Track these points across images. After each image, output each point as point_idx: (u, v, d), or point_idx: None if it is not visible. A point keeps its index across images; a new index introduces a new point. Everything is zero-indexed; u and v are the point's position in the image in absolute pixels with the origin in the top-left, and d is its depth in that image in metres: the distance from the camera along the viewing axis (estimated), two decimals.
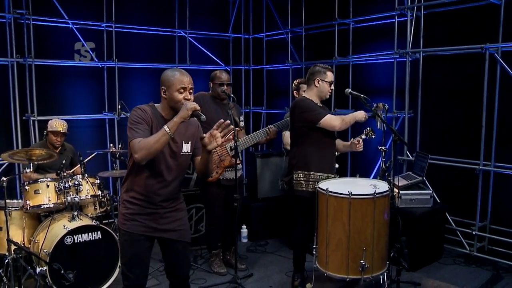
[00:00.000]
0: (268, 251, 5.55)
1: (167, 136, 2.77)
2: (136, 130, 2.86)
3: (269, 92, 8.03)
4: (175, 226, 3.12)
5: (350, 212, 3.69)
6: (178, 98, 2.92)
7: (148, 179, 2.99)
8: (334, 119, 4.06)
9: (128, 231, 3.03)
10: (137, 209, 3.04)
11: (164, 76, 2.99)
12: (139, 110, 2.94)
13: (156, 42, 6.96)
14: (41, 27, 5.93)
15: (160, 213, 3.05)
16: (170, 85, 2.93)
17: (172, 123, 2.79)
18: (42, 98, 5.93)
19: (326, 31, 6.76)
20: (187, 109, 2.80)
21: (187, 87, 2.94)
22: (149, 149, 2.75)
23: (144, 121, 2.90)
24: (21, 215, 4.51)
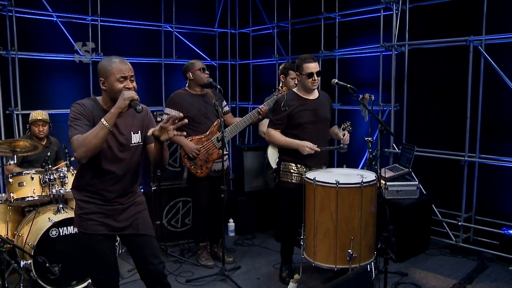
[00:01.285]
0: (255, 244, 5.55)
1: (105, 130, 2.59)
2: (74, 126, 2.66)
3: (256, 87, 8.02)
4: (134, 220, 2.97)
5: (337, 201, 3.69)
6: (118, 88, 2.72)
7: (98, 176, 2.83)
8: (272, 134, 4.19)
9: (86, 232, 2.88)
10: (92, 208, 2.88)
11: (100, 66, 2.79)
12: (77, 105, 2.75)
13: (142, 36, 6.92)
14: (24, 20, 5.84)
15: (118, 209, 2.91)
16: (108, 74, 2.73)
17: (109, 115, 2.62)
18: (26, 92, 5.84)
19: (312, 26, 6.77)
20: (124, 99, 2.63)
21: (127, 75, 2.74)
22: (88, 145, 2.57)
23: (84, 116, 2.72)
24: (4, 209, 4.45)
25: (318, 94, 4.28)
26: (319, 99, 4.25)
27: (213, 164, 4.63)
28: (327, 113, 4.26)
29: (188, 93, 4.67)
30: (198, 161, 4.57)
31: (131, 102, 2.64)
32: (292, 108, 4.12)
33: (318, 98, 4.24)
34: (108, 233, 2.92)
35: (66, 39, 6.16)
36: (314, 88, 4.16)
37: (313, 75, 4.07)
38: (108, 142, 2.79)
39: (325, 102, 4.29)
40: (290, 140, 4.13)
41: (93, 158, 2.71)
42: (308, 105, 4.17)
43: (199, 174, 4.59)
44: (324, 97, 4.33)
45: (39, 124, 4.90)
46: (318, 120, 4.18)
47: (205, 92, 4.72)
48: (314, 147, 4.03)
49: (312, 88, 4.14)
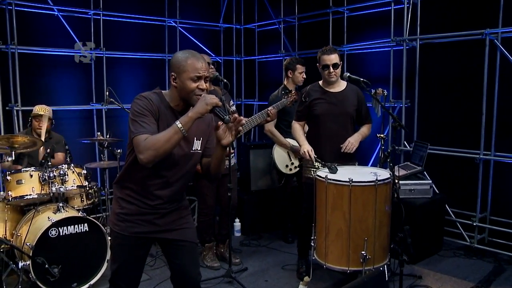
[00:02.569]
0: (262, 245, 5.38)
1: (180, 135, 2.32)
2: (141, 123, 2.39)
3: (261, 83, 7.85)
4: (178, 225, 2.73)
5: (350, 201, 3.51)
6: (191, 88, 2.47)
7: (148, 178, 2.56)
8: (293, 128, 4.21)
9: (121, 233, 2.64)
10: (134, 209, 2.63)
11: (174, 59, 2.52)
12: (144, 99, 2.48)
13: (145, 31, 6.75)
14: (25, 14, 5.69)
15: (161, 213, 2.66)
16: (182, 71, 2.46)
17: (186, 118, 2.33)
18: (26, 88, 5.69)
19: (320, 20, 6.59)
20: (206, 103, 2.35)
21: (202, 75, 2.48)
22: (158, 149, 2.31)
23: (151, 112, 2.45)
24: (3, 208, 4.29)
25: (345, 87, 4.15)
26: (343, 93, 4.12)
27: None
28: (349, 107, 4.11)
29: None
30: None
31: (214, 108, 2.37)
32: (312, 99, 4.10)
33: (342, 92, 4.12)
34: (147, 235, 2.68)
35: (68, 34, 6.00)
36: (332, 80, 4.04)
37: (328, 67, 3.98)
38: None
39: (350, 96, 4.13)
40: (300, 138, 4.15)
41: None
42: (328, 97, 4.07)
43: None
44: (351, 91, 4.17)
45: (39, 119, 4.75)
46: (336, 114, 4.06)
47: (212, 88, 4.55)
48: (312, 157, 3.94)
49: (330, 80, 4.04)
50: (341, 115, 4.09)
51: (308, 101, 4.10)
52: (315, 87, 4.17)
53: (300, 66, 5.11)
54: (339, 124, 4.09)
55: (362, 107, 4.20)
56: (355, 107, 4.15)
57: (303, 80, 5.15)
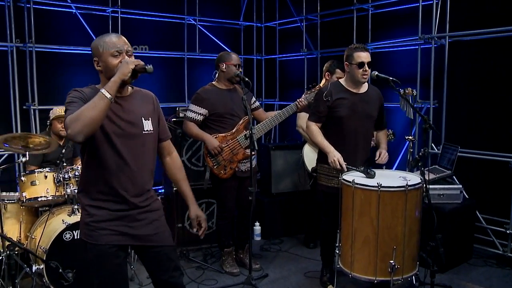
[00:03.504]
0: (283, 250, 5.19)
1: (105, 100, 2.20)
2: (69, 109, 2.27)
3: (282, 83, 7.66)
4: (153, 229, 2.58)
5: (379, 207, 3.31)
6: (114, 63, 2.40)
7: (110, 171, 2.43)
8: (311, 130, 3.92)
9: (96, 243, 2.45)
10: (104, 214, 2.46)
11: (92, 45, 2.48)
12: (74, 91, 2.41)
13: (164, 29, 6.63)
14: (42, 11, 5.61)
15: (133, 215, 2.51)
16: (102, 52, 2.41)
17: (110, 83, 2.25)
18: (43, 87, 5.61)
19: (343, 18, 6.38)
20: (127, 63, 2.30)
21: (123, 49, 2.42)
22: (83, 119, 2.15)
23: (81, 99, 2.34)
24: (17, 209, 4.18)
25: (368, 88, 3.94)
26: (366, 94, 3.90)
27: (239, 165, 4.30)
28: (372, 110, 3.90)
29: (215, 88, 4.35)
30: (222, 161, 4.24)
31: (137, 66, 2.31)
32: (334, 99, 3.84)
33: (365, 93, 3.90)
34: (123, 243, 2.52)
35: (85, 32, 5.89)
36: (364, 80, 3.82)
37: (364, 65, 3.73)
38: (118, 126, 2.44)
39: (373, 98, 3.93)
40: (325, 143, 3.84)
41: (101, 146, 2.40)
42: (351, 98, 3.84)
43: (222, 175, 4.26)
44: (374, 92, 3.97)
45: (63, 121, 4.61)
46: (360, 117, 3.84)
47: (233, 87, 4.39)
48: (343, 165, 3.68)
49: (362, 80, 3.80)
50: (366, 118, 3.89)
51: (331, 100, 3.85)
52: (338, 86, 3.93)
53: (340, 71, 4.86)
54: (363, 127, 3.88)
55: (382, 111, 4.01)
56: (377, 110, 3.95)
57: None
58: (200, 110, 4.27)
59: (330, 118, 3.90)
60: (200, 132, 4.29)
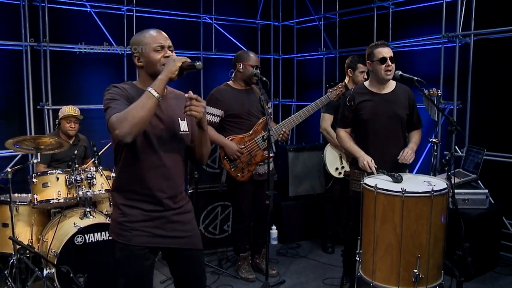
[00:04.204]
0: (300, 255, 5.03)
1: (153, 99, 2.15)
2: (112, 106, 2.22)
3: (300, 83, 7.51)
4: (185, 232, 2.52)
5: (403, 213, 3.13)
6: (156, 58, 2.35)
7: (147, 170, 2.37)
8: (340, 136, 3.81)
9: (128, 243, 2.39)
10: (138, 214, 2.40)
11: (133, 40, 2.43)
12: (114, 87, 2.36)
13: (179, 27, 6.54)
14: (57, 10, 5.55)
15: (167, 216, 2.45)
16: (143, 47, 2.38)
17: (157, 81, 2.19)
18: (57, 86, 5.56)
19: (363, 16, 6.22)
20: (174, 60, 2.24)
21: (165, 44, 2.38)
22: (132, 119, 2.10)
23: (123, 96, 2.30)
24: (29, 211, 4.11)
25: (395, 87, 3.77)
26: (393, 93, 3.72)
27: (257, 167, 4.15)
28: (401, 110, 3.71)
29: (231, 88, 4.20)
30: (239, 163, 4.09)
31: (184, 63, 2.24)
32: (357, 102, 3.69)
33: (392, 92, 3.73)
34: (155, 246, 2.45)
35: (100, 31, 5.81)
36: (389, 77, 3.63)
37: (386, 60, 3.57)
38: (157, 125, 2.38)
39: (402, 97, 3.74)
40: (354, 148, 3.70)
41: (140, 146, 2.32)
42: (376, 100, 3.68)
43: (240, 178, 4.12)
44: (402, 91, 3.77)
45: (71, 120, 4.57)
46: (387, 118, 3.67)
47: (250, 87, 4.25)
48: (373, 168, 3.53)
49: (386, 77, 3.62)
50: (391, 118, 3.70)
51: (354, 104, 3.70)
52: (361, 89, 3.77)
53: (362, 65, 4.74)
54: (389, 129, 3.70)
55: (413, 110, 3.81)
56: (407, 110, 3.76)
57: (363, 81, 4.76)
58: (216, 111, 4.13)
59: (355, 122, 3.77)
60: (217, 136, 4.14)
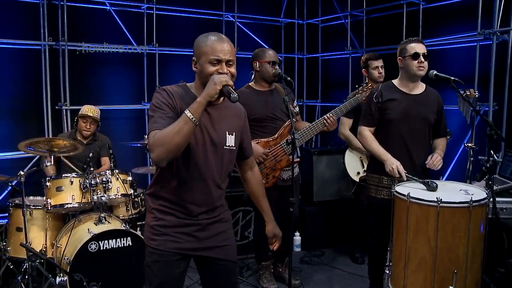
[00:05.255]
0: (324, 263, 4.80)
1: (190, 125, 2.04)
2: (155, 119, 2.15)
3: (325, 83, 7.28)
4: (220, 241, 2.40)
5: (438, 224, 2.88)
6: (209, 71, 2.18)
7: (183, 183, 2.27)
8: (364, 135, 3.54)
9: (158, 248, 2.30)
10: (171, 220, 2.31)
11: (195, 42, 2.28)
12: (163, 91, 2.24)
13: (201, 26, 6.36)
14: (76, 9, 5.44)
15: (202, 225, 2.34)
16: (201, 53, 2.21)
17: (195, 104, 2.07)
18: (76, 86, 5.44)
19: (391, 14, 5.95)
20: (214, 83, 2.08)
21: (223, 58, 2.18)
22: (168, 144, 2.03)
23: (168, 105, 2.18)
24: (43, 215, 3.99)
25: (425, 89, 3.53)
26: (423, 96, 3.48)
27: (281, 173, 3.93)
28: (429, 113, 3.47)
29: (253, 90, 3.97)
30: (264, 168, 3.87)
31: (224, 88, 2.09)
32: (385, 99, 3.46)
33: (422, 94, 3.49)
34: (187, 253, 2.34)
35: (119, 30, 5.68)
36: (421, 72, 3.39)
37: (419, 56, 3.34)
38: (199, 139, 2.25)
39: (431, 101, 3.50)
40: (380, 150, 3.45)
41: (180, 157, 2.21)
42: (404, 99, 3.44)
43: (264, 185, 3.88)
44: (432, 94, 3.53)
45: (87, 121, 4.45)
46: (414, 120, 3.42)
47: (273, 87, 4.02)
48: (402, 173, 3.29)
49: (418, 73, 3.38)
50: (421, 121, 3.46)
51: (381, 101, 3.47)
52: (389, 87, 3.54)
53: (373, 61, 4.52)
54: (418, 132, 3.46)
55: (441, 117, 3.57)
56: (435, 115, 3.52)
57: (380, 76, 4.53)
58: None
59: (380, 121, 3.53)
60: None
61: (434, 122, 3.52)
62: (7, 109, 5.17)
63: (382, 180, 3.45)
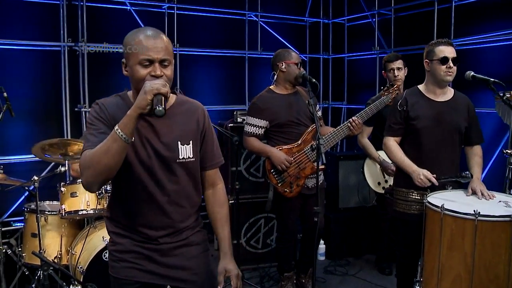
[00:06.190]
0: (350, 274, 4.58)
1: (120, 143, 1.72)
2: (87, 136, 1.87)
3: (351, 84, 7.02)
4: (186, 269, 2.07)
5: (475, 240, 2.65)
6: (140, 75, 1.86)
7: (133, 205, 2.00)
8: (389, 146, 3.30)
9: (116, 276, 2.04)
10: (127, 244, 2.03)
11: (124, 40, 1.94)
12: (95, 106, 1.95)
13: (223, 26, 6.18)
14: (96, 9, 5.33)
15: (163, 250, 2.04)
16: (129, 54, 1.89)
17: (125, 119, 1.73)
18: (94, 88, 5.31)
19: (422, 12, 5.67)
20: (144, 92, 1.71)
21: (155, 58, 1.86)
22: (96, 166, 1.75)
23: (101, 120, 1.90)
24: (58, 220, 3.86)
25: (453, 95, 3.29)
26: (452, 102, 3.25)
27: (306, 181, 3.72)
28: (460, 121, 3.23)
29: (275, 94, 3.78)
30: (287, 177, 3.66)
31: (155, 96, 1.71)
32: (411, 107, 3.22)
33: (450, 101, 3.26)
34: (148, 281, 2.05)
35: None
36: (448, 79, 3.16)
37: (447, 60, 3.09)
38: (142, 155, 1.96)
39: (461, 107, 3.26)
40: (405, 162, 3.20)
41: (124, 176, 1.94)
42: (432, 107, 3.21)
43: (288, 194, 3.69)
44: (462, 101, 3.29)
45: None
46: (446, 129, 3.19)
47: (296, 90, 3.82)
48: (432, 179, 3.04)
49: (446, 78, 3.14)
50: (451, 130, 3.22)
51: (407, 109, 3.23)
52: (414, 93, 3.30)
53: (389, 63, 4.27)
54: (446, 141, 3.22)
55: (473, 123, 3.30)
56: (466, 122, 3.26)
57: (398, 79, 4.24)
58: (260, 122, 3.73)
59: (407, 131, 3.29)
60: (262, 146, 3.75)
61: (465, 130, 3.28)
62: (26, 110, 5.06)
63: (411, 194, 3.22)
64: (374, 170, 4.36)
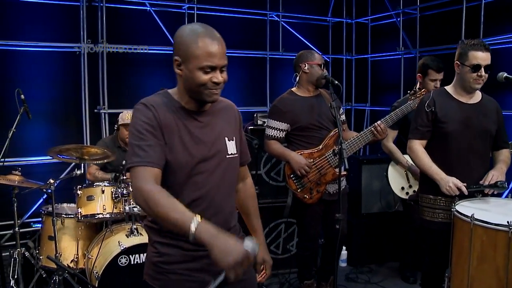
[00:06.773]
0: (373, 282, 4.44)
1: (184, 231, 1.62)
2: (136, 151, 1.79)
3: (375, 85, 6.86)
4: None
5: (509, 252, 2.50)
6: (201, 81, 1.82)
7: (186, 206, 1.80)
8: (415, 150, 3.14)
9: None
10: (177, 254, 1.91)
11: (179, 38, 1.87)
12: (142, 108, 1.86)
13: (243, 26, 6.10)
14: (115, 10, 5.30)
15: None
16: (190, 57, 1.82)
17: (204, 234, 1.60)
18: (114, 89, 5.29)
19: (448, 11, 5.49)
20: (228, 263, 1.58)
21: (218, 64, 1.83)
22: (150, 210, 1.71)
23: (150, 131, 1.82)
24: (75, 224, 3.83)
25: (482, 98, 3.14)
26: (480, 105, 3.11)
27: (327, 187, 3.60)
28: (490, 124, 3.09)
29: (296, 96, 3.66)
30: (307, 183, 3.54)
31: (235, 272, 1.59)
32: (439, 109, 3.08)
33: (479, 104, 3.11)
34: None
35: (160, 30, 5.49)
36: (477, 87, 3.02)
37: (480, 68, 2.93)
38: (195, 151, 1.91)
39: (490, 110, 3.12)
40: (433, 168, 3.04)
41: (176, 177, 1.89)
42: (461, 110, 3.06)
43: (308, 200, 3.57)
44: (490, 103, 3.15)
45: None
46: (476, 132, 3.05)
47: (318, 92, 3.70)
48: (462, 187, 2.89)
49: (474, 87, 3.01)
50: (481, 134, 3.08)
51: (435, 111, 3.09)
52: (442, 94, 3.15)
53: (434, 71, 4.00)
54: (476, 145, 3.07)
55: (501, 126, 3.16)
56: (495, 125, 3.12)
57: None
58: (281, 125, 3.62)
59: (435, 134, 3.14)
60: (282, 150, 3.64)
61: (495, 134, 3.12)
62: (45, 112, 5.07)
63: (438, 201, 3.07)
64: (398, 175, 4.21)
